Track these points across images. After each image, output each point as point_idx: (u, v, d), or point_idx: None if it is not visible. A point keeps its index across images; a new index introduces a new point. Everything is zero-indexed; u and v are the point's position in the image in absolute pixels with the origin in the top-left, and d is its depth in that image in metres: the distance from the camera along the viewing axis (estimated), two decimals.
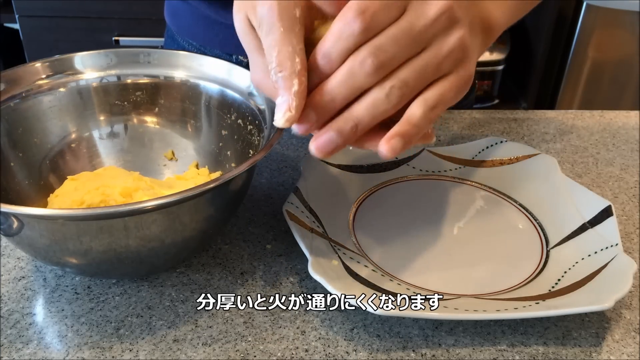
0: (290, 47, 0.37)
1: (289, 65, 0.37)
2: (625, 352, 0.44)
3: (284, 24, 0.37)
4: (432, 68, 0.37)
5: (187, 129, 0.58)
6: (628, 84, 1.79)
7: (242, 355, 0.43)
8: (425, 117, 0.38)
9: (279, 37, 0.37)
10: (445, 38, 0.38)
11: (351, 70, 0.36)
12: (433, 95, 0.38)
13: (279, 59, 0.37)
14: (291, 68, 0.37)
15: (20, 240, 0.43)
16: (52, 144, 0.55)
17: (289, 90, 0.37)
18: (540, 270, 0.50)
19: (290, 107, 0.37)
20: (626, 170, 0.65)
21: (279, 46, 0.37)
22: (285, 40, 0.37)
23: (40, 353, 0.43)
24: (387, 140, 0.38)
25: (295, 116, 0.37)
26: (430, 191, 0.59)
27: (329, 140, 0.38)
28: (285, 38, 0.37)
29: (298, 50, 0.37)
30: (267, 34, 0.38)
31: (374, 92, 0.37)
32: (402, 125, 0.38)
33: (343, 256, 0.49)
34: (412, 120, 0.38)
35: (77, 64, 0.56)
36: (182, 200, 0.40)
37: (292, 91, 0.37)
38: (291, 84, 0.37)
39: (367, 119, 0.37)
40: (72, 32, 1.71)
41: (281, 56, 0.37)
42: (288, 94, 0.37)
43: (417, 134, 0.38)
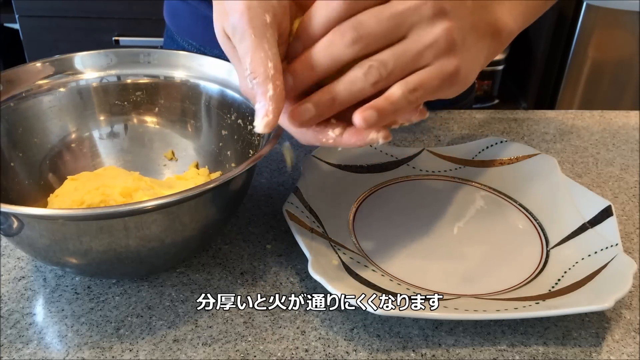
0: (262, 53, 0.37)
1: (262, 71, 0.37)
2: (625, 352, 0.44)
3: (255, 30, 0.37)
4: (412, 54, 0.38)
5: (187, 129, 0.58)
6: (628, 84, 1.79)
7: (242, 355, 0.43)
8: (403, 97, 0.38)
9: (250, 43, 0.37)
10: (429, 27, 0.38)
11: (331, 40, 0.38)
12: (414, 79, 0.39)
13: (252, 65, 0.37)
14: (264, 73, 0.37)
15: (20, 240, 0.43)
16: (52, 144, 0.55)
17: (264, 95, 0.37)
18: (540, 270, 0.50)
19: (267, 112, 0.37)
20: (626, 170, 0.65)
21: (251, 53, 0.37)
22: (257, 46, 0.37)
23: (40, 353, 0.43)
24: (361, 110, 0.38)
25: (273, 120, 0.38)
26: (431, 191, 0.59)
27: (305, 109, 0.39)
28: (257, 44, 0.37)
29: (270, 55, 0.38)
30: (240, 41, 0.38)
31: (353, 70, 0.38)
32: (379, 100, 0.39)
33: (343, 256, 0.49)
34: (390, 98, 0.38)
35: (77, 64, 0.56)
36: (182, 200, 0.40)
37: (267, 96, 0.37)
38: (266, 89, 0.37)
39: (344, 94, 0.38)
40: (72, 32, 1.71)
41: (254, 63, 0.37)
42: (264, 99, 0.37)
43: (392, 112, 0.39)
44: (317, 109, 0.39)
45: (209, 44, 0.73)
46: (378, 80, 0.38)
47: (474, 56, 0.41)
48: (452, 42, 0.39)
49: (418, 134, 0.70)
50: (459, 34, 0.39)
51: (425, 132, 0.70)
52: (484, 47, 0.43)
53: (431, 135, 0.70)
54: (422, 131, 0.71)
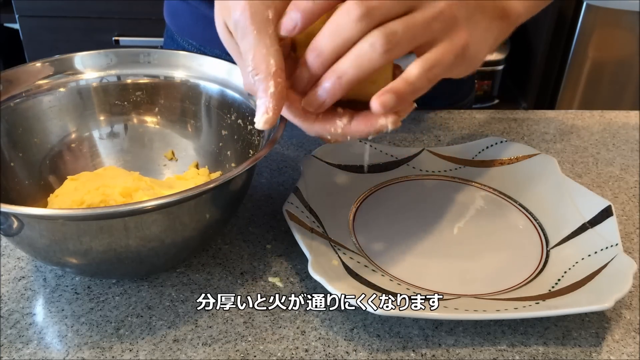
0: (264, 50, 0.37)
1: (263, 68, 0.37)
2: (625, 352, 0.44)
3: (257, 26, 0.37)
4: (421, 25, 0.37)
5: (187, 129, 0.58)
6: (628, 84, 1.79)
7: (242, 355, 0.43)
8: (422, 76, 0.38)
9: (252, 40, 0.37)
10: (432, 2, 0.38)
11: (337, 20, 0.36)
12: (431, 55, 0.38)
13: (254, 62, 0.37)
14: (266, 70, 0.37)
15: (20, 240, 0.43)
16: (52, 144, 0.55)
17: (265, 92, 0.37)
18: (540, 270, 0.50)
19: (267, 109, 0.37)
20: (626, 170, 0.65)
21: (253, 49, 0.37)
22: (259, 42, 0.37)
23: (40, 353, 0.43)
24: (379, 95, 0.37)
25: (273, 118, 0.37)
26: (430, 191, 0.59)
27: (315, 95, 0.38)
28: (259, 41, 0.37)
29: (272, 51, 0.37)
30: (242, 38, 0.38)
31: (359, 43, 0.37)
32: (397, 82, 0.38)
33: (343, 256, 0.49)
34: (409, 78, 0.38)
35: (77, 64, 0.56)
36: (181, 200, 0.40)
37: (268, 93, 0.37)
38: (267, 86, 0.37)
39: (351, 70, 0.37)
40: (72, 32, 1.71)
41: (256, 59, 0.37)
42: (265, 96, 0.37)
43: (411, 93, 0.38)
44: (326, 91, 0.38)
45: (209, 44, 0.73)
46: (387, 49, 0.36)
47: (481, 35, 0.41)
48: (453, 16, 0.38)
49: (418, 134, 0.70)
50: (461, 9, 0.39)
51: (425, 132, 0.71)
52: (493, 28, 0.43)
53: (431, 135, 0.70)
54: (422, 131, 0.71)
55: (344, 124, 0.39)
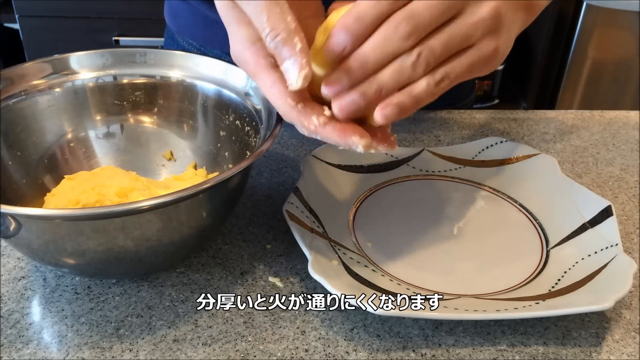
0: (277, 9, 0.36)
1: (283, 27, 0.36)
2: (625, 352, 0.44)
3: None
4: (461, 37, 0.37)
5: (184, 129, 0.58)
6: (628, 84, 1.79)
7: (242, 355, 0.43)
8: (428, 91, 0.38)
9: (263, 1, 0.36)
10: (478, 6, 0.37)
11: (385, 34, 0.36)
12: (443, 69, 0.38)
13: (270, 23, 0.36)
14: (287, 28, 0.36)
15: (17, 241, 0.43)
16: (49, 143, 0.55)
17: (293, 49, 0.36)
18: (540, 270, 0.50)
19: (302, 65, 0.36)
20: (626, 170, 0.65)
21: (267, 9, 0.36)
22: (271, 2, 0.36)
23: (40, 353, 0.43)
24: (381, 107, 0.37)
25: (309, 72, 0.36)
26: (431, 191, 0.59)
27: (352, 101, 0.38)
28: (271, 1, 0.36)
29: (286, 9, 0.36)
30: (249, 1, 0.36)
31: (401, 59, 0.37)
32: (401, 95, 0.38)
33: (343, 256, 0.49)
34: (414, 92, 0.38)
35: (73, 64, 0.56)
36: (176, 200, 0.40)
37: (297, 49, 0.36)
38: (293, 44, 0.36)
39: (392, 84, 0.37)
40: (72, 32, 1.71)
41: (272, 19, 0.36)
42: (293, 53, 0.36)
43: (414, 106, 0.38)
44: (365, 100, 0.38)
45: (210, 44, 0.73)
46: (426, 68, 0.37)
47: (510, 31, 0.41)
48: (500, 19, 0.38)
49: (418, 134, 0.70)
50: (505, 10, 0.38)
51: (425, 132, 0.70)
52: (518, 20, 0.42)
53: (431, 135, 0.70)
54: (422, 131, 0.71)
55: (318, 124, 0.39)
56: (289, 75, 0.37)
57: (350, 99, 0.38)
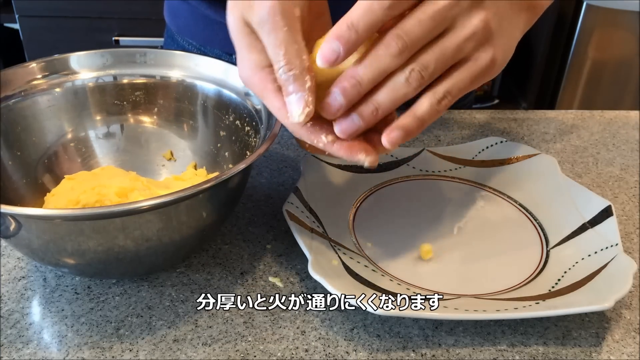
0: (296, 45, 0.38)
1: (298, 64, 0.38)
2: (625, 352, 0.44)
3: (287, 22, 0.38)
4: (453, 50, 0.38)
5: (184, 129, 0.58)
6: (628, 84, 1.79)
7: (242, 355, 0.43)
8: (431, 110, 0.38)
9: (283, 36, 0.38)
10: (468, 18, 0.38)
11: (377, 53, 0.37)
12: (443, 87, 0.39)
13: (287, 57, 0.38)
14: (301, 66, 0.38)
15: (17, 241, 0.43)
16: (49, 143, 0.55)
17: (302, 87, 0.38)
18: (540, 270, 0.50)
19: (307, 103, 0.38)
20: (626, 170, 0.65)
21: (285, 45, 0.38)
22: (290, 39, 0.38)
23: (40, 353, 0.43)
24: (388, 133, 0.39)
25: (312, 110, 0.38)
26: (431, 191, 0.59)
27: (352, 123, 0.39)
28: (290, 37, 0.38)
29: (303, 47, 0.38)
30: (270, 33, 0.38)
31: (395, 77, 0.38)
32: (406, 117, 0.39)
33: (343, 256, 0.49)
34: (418, 113, 0.39)
35: (73, 64, 0.56)
36: (176, 200, 0.40)
37: (306, 87, 0.38)
38: (304, 81, 0.38)
39: (387, 103, 0.38)
40: (72, 32, 1.71)
41: (289, 55, 0.37)
42: (302, 91, 0.38)
43: (419, 128, 0.39)
44: (364, 122, 0.39)
45: (210, 44, 0.73)
46: (420, 84, 0.38)
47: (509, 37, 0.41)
48: (489, 31, 0.38)
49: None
50: (496, 21, 0.39)
51: (425, 132, 0.70)
52: (520, 22, 0.43)
53: (431, 135, 0.70)
54: (422, 131, 0.70)
55: (326, 141, 0.40)
56: (292, 108, 0.39)
57: (350, 121, 0.39)
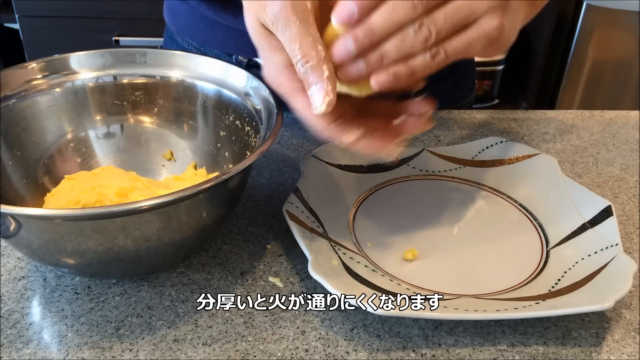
0: (310, 37, 0.38)
1: (314, 55, 0.38)
2: (625, 352, 0.44)
3: (299, 17, 0.38)
4: (466, 10, 0.38)
5: (184, 129, 0.58)
6: (628, 84, 1.79)
7: (242, 355, 0.43)
8: (424, 62, 0.39)
9: (296, 30, 0.38)
10: None
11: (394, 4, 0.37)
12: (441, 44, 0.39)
13: (302, 50, 0.38)
14: (317, 56, 0.38)
15: (17, 241, 0.43)
16: (49, 143, 0.55)
17: (321, 77, 0.38)
18: (540, 270, 0.50)
19: (327, 92, 0.38)
20: (626, 170, 0.65)
21: (299, 38, 0.38)
22: (303, 32, 0.38)
23: (40, 353, 0.43)
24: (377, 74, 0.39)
25: (333, 99, 0.39)
26: (430, 191, 0.59)
27: (355, 67, 0.39)
28: (303, 30, 0.38)
29: (317, 38, 0.38)
30: (284, 29, 0.39)
31: (405, 29, 0.38)
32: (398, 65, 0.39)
33: (343, 256, 0.49)
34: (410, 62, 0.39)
35: (72, 64, 0.56)
36: (176, 200, 0.40)
37: (324, 77, 0.38)
38: (322, 71, 0.38)
39: (394, 51, 0.38)
40: (72, 32, 1.71)
41: (304, 47, 0.38)
42: (321, 81, 0.38)
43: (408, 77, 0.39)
44: (367, 66, 0.39)
45: (209, 44, 0.72)
46: (427, 38, 0.38)
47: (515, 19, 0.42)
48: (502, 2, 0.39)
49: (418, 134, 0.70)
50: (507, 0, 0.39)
51: (425, 132, 0.70)
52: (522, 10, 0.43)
53: (431, 135, 0.70)
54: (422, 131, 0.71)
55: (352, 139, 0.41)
56: (314, 99, 0.39)
57: (354, 65, 0.40)
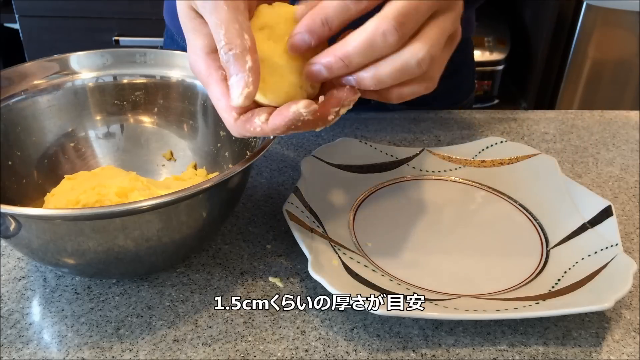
0: (237, 25, 0.37)
1: (239, 43, 0.36)
2: (625, 352, 0.44)
3: (228, 3, 0.37)
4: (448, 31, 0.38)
5: (184, 129, 0.58)
6: (628, 84, 1.79)
7: (242, 355, 0.43)
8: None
9: (224, 15, 0.37)
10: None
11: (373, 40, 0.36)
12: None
13: (227, 37, 0.36)
14: (242, 45, 0.36)
15: (17, 241, 0.43)
16: (49, 143, 0.55)
17: (242, 67, 0.36)
18: (540, 270, 0.50)
19: (247, 84, 0.37)
20: (626, 170, 0.65)
21: (226, 24, 0.37)
22: (231, 18, 0.37)
23: (40, 353, 0.43)
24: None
25: (253, 92, 0.37)
26: (430, 191, 0.59)
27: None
28: (231, 16, 0.37)
29: (246, 27, 0.37)
30: (211, 13, 0.37)
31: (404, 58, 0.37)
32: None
33: (343, 256, 0.49)
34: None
35: (73, 64, 0.56)
36: (176, 200, 0.40)
37: (246, 67, 0.36)
38: (244, 61, 0.36)
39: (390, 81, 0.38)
40: (72, 32, 1.71)
41: (229, 34, 0.36)
42: (242, 71, 0.36)
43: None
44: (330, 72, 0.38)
45: None
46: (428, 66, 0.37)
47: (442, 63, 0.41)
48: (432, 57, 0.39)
49: (418, 134, 0.70)
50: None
51: (425, 132, 0.70)
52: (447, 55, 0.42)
53: (431, 135, 0.70)
54: (422, 131, 0.71)
55: (261, 122, 0.39)
56: (232, 90, 0.37)
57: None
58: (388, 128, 0.71)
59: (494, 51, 1.88)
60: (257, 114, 0.39)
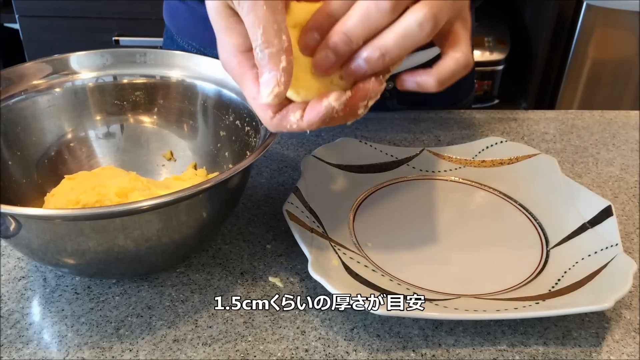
0: (275, 25, 0.37)
1: (276, 43, 0.37)
2: (625, 352, 0.44)
3: (267, 2, 0.37)
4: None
5: (184, 129, 0.58)
6: (628, 84, 1.79)
7: (242, 355, 0.43)
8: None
9: (262, 15, 0.37)
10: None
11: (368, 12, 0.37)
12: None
13: (265, 36, 0.37)
14: (279, 45, 0.37)
15: (17, 241, 0.43)
16: (49, 143, 0.55)
17: (276, 66, 0.37)
18: (540, 270, 0.50)
19: (279, 83, 0.37)
20: (626, 170, 0.65)
21: (264, 24, 0.37)
22: (269, 17, 0.37)
23: (40, 353, 0.43)
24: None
25: (283, 92, 0.37)
26: (430, 191, 0.59)
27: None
28: (269, 15, 0.37)
29: (283, 27, 0.37)
30: (249, 12, 0.37)
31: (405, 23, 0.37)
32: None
33: (343, 256, 0.49)
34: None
35: (73, 64, 0.56)
36: (176, 200, 0.40)
37: (279, 67, 0.37)
38: (279, 60, 0.37)
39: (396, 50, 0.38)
40: (72, 32, 1.71)
41: (267, 34, 0.37)
42: (276, 70, 0.37)
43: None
44: (370, 66, 0.38)
45: (209, 45, 0.72)
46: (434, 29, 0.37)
47: None
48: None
49: (418, 134, 0.70)
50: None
51: (425, 132, 0.71)
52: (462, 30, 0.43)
53: (431, 135, 0.70)
54: (422, 131, 0.71)
55: (297, 119, 0.39)
56: (263, 88, 0.38)
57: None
58: (388, 128, 0.71)
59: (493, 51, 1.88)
60: (291, 110, 0.40)
